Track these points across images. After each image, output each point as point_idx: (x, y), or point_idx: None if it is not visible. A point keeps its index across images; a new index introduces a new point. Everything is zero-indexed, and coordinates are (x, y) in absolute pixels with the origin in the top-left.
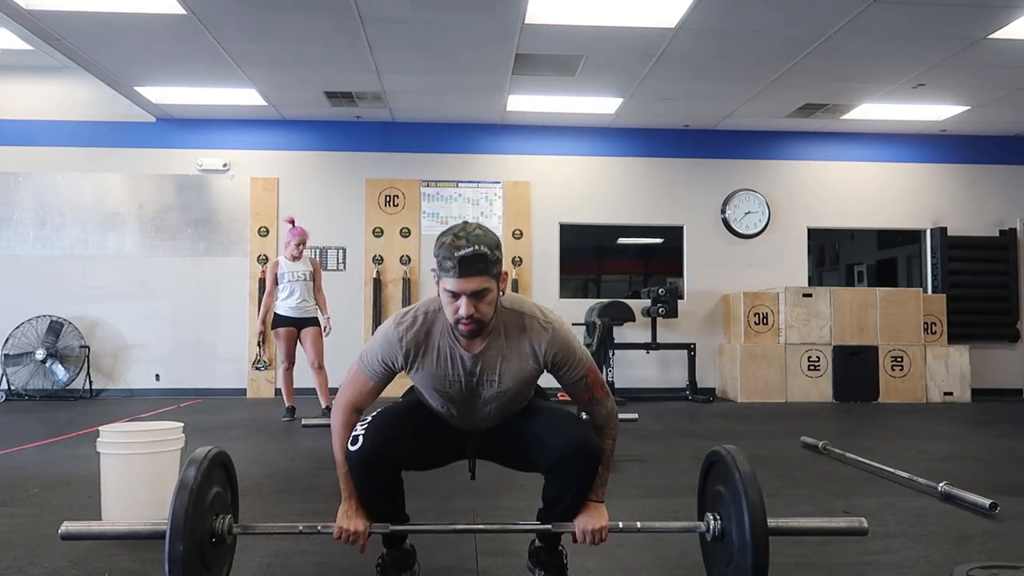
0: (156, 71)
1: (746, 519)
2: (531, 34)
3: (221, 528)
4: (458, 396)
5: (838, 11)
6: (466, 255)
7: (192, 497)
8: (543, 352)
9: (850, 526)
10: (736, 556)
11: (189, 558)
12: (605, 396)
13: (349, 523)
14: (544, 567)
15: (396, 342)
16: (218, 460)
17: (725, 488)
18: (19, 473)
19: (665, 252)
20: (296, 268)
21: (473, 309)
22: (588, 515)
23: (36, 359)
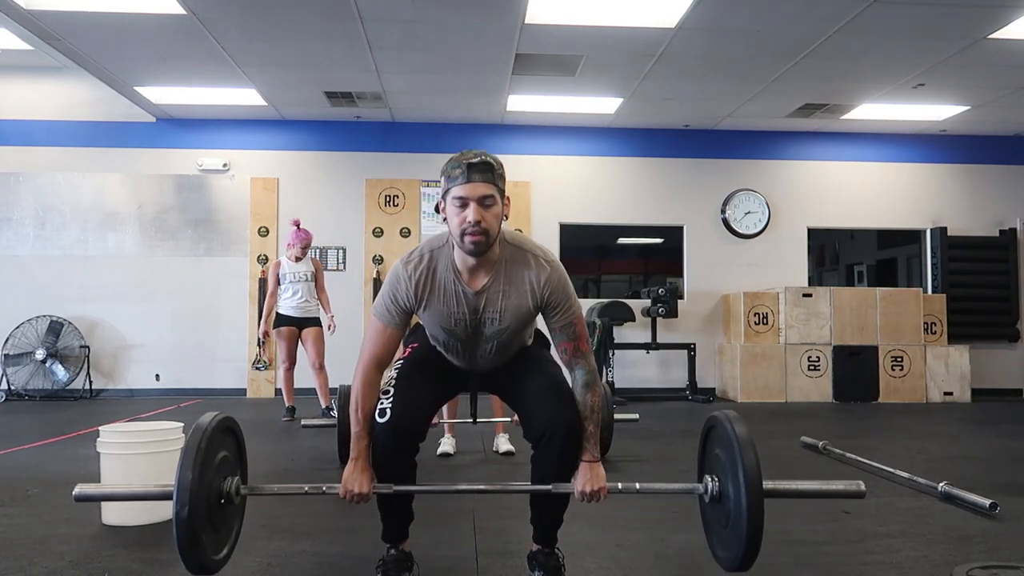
0: (156, 71)
1: (742, 481)
2: (531, 34)
3: (229, 489)
4: (462, 334)
5: (838, 11)
6: (474, 162)
7: (199, 459)
8: (541, 288)
9: (847, 489)
10: (733, 517)
11: (197, 518)
12: (588, 350)
13: (354, 483)
14: (543, 569)
15: (405, 279)
16: (225, 425)
17: (723, 451)
18: (19, 473)
19: (665, 252)
20: (298, 269)
21: (480, 216)
22: (585, 475)
23: (36, 359)
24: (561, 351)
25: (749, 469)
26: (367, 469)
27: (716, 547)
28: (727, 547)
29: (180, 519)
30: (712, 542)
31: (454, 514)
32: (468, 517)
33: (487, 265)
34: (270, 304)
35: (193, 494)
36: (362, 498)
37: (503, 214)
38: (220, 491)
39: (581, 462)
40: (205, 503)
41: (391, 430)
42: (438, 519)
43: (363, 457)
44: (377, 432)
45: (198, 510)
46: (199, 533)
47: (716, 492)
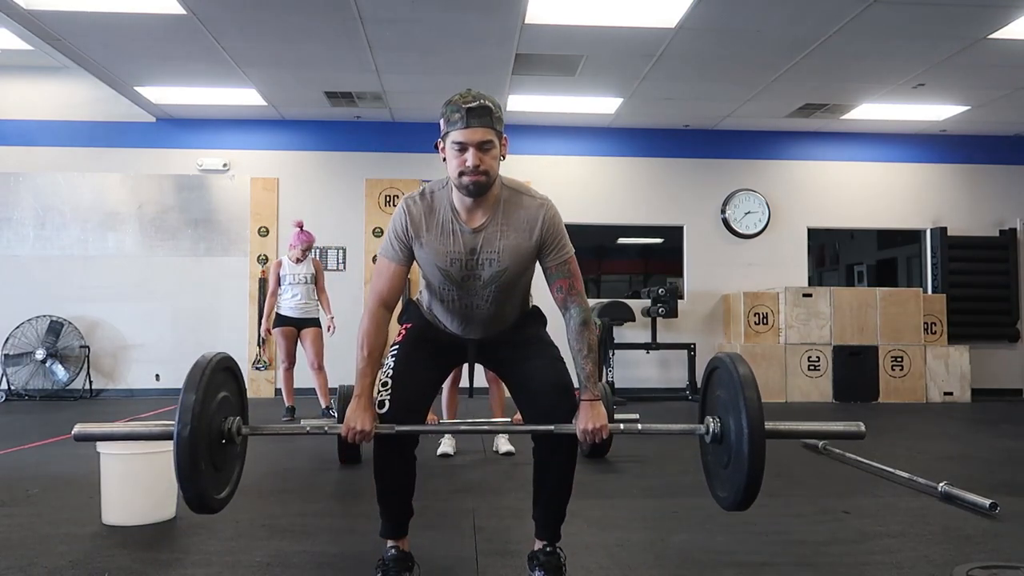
0: (156, 71)
1: (744, 419)
2: (531, 34)
3: (230, 429)
4: (458, 275)
5: (838, 11)
6: (473, 107)
7: (199, 398)
8: (539, 225)
9: (847, 430)
10: (733, 457)
11: (198, 458)
12: (582, 289)
13: (356, 420)
14: (543, 568)
15: (404, 211)
16: (224, 365)
17: (725, 392)
18: (19, 473)
19: (665, 252)
20: (298, 270)
21: (479, 160)
22: (586, 415)
23: (36, 359)
24: (556, 290)
25: (751, 408)
26: (369, 408)
27: (716, 488)
28: (727, 487)
29: (181, 445)
30: (712, 483)
31: (454, 514)
32: (468, 517)
33: (485, 205)
34: (271, 304)
35: (195, 421)
36: (364, 436)
37: (501, 155)
38: (221, 430)
39: (581, 401)
40: (206, 438)
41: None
42: (438, 519)
43: (366, 395)
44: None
45: (199, 438)
46: (200, 463)
47: (717, 432)
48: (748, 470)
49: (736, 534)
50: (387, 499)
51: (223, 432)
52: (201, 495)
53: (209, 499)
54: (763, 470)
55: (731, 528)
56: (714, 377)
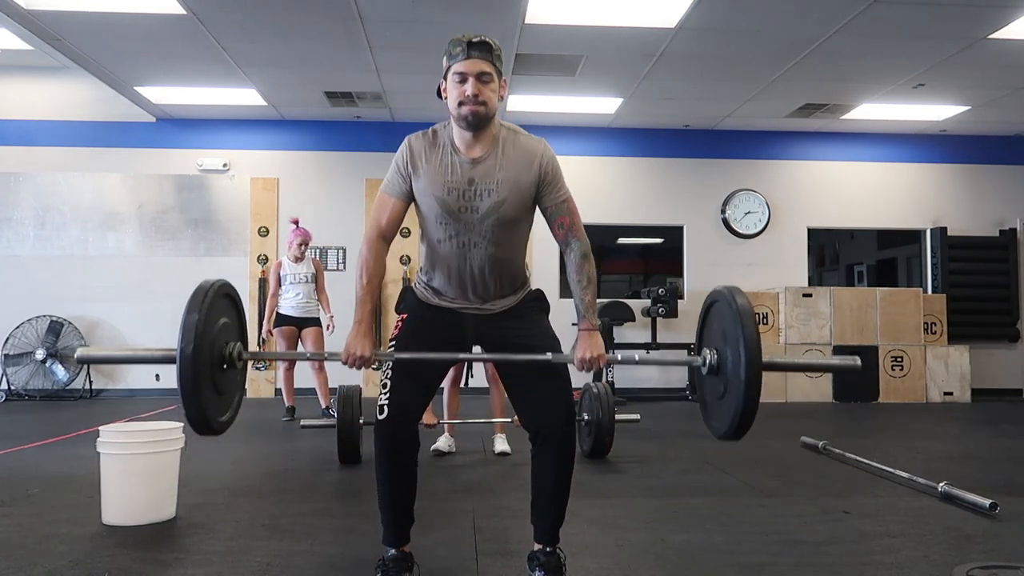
0: (156, 71)
1: (741, 350)
2: (531, 34)
3: (231, 354)
4: (456, 205)
5: (838, 11)
6: (474, 41)
7: (200, 323)
8: (539, 161)
9: (843, 364)
10: (729, 388)
11: (200, 381)
12: (582, 228)
13: (357, 347)
14: (543, 568)
15: (406, 145)
16: (223, 292)
17: (723, 324)
18: (19, 473)
19: (665, 252)
20: (298, 269)
21: (478, 90)
22: (584, 343)
23: (36, 359)
24: (557, 227)
25: (749, 339)
26: (369, 334)
27: (711, 418)
28: (721, 417)
29: (184, 363)
30: (706, 414)
31: (454, 514)
32: (468, 517)
33: (484, 140)
34: (271, 304)
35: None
36: (364, 362)
37: (500, 95)
38: (222, 354)
39: (580, 331)
40: (208, 359)
41: (391, 426)
42: (438, 519)
43: (366, 322)
44: (377, 429)
45: (202, 357)
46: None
47: (714, 363)
48: (743, 399)
49: (736, 534)
50: (389, 508)
51: (224, 356)
52: (204, 414)
53: (212, 420)
54: (758, 401)
55: (731, 528)
56: (713, 310)
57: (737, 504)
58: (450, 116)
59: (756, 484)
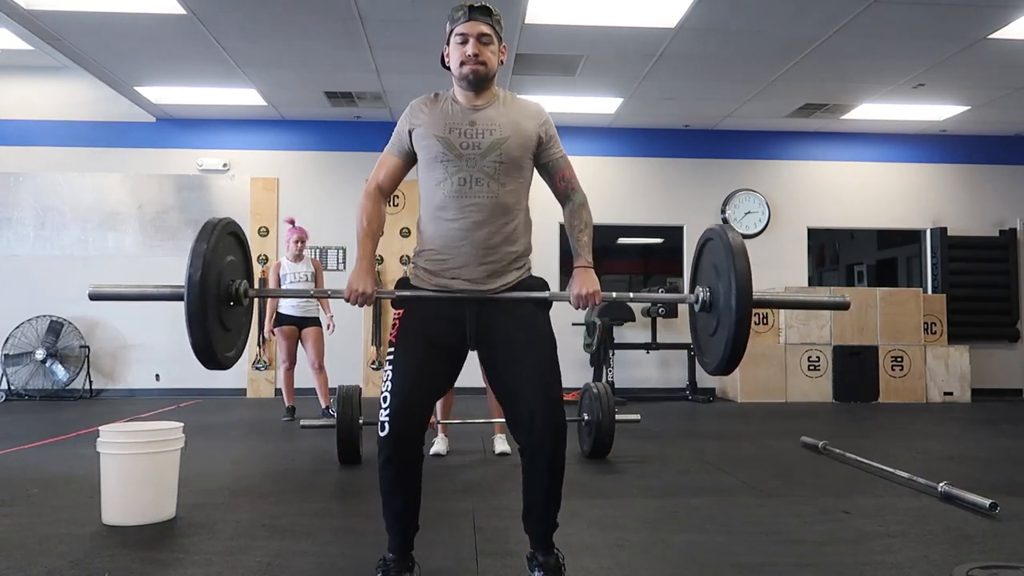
0: (156, 71)
1: (733, 284)
2: (531, 34)
3: (237, 290)
4: (457, 142)
5: (838, 11)
6: (475, 5)
7: (207, 260)
8: (540, 116)
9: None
10: (721, 322)
11: (208, 311)
12: (578, 182)
13: (359, 283)
14: (542, 568)
15: (409, 106)
16: (229, 229)
17: (716, 260)
18: (19, 473)
19: (665, 252)
20: (298, 269)
21: (478, 50)
22: (579, 280)
23: (36, 359)
24: (558, 180)
25: (740, 274)
26: (371, 271)
27: (703, 355)
28: (713, 352)
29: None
30: (699, 351)
31: (454, 514)
32: (468, 517)
33: (485, 97)
34: (272, 305)
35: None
36: (366, 298)
37: (500, 59)
38: (229, 292)
39: (576, 267)
40: (215, 292)
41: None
42: (438, 519)
43: (367, 259)
44: (380, 445)
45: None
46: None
47: (707, 300)
48: (733, 333)
49: (736, 534)
50: (395, 521)
51: (231, 293)
52: (210, 344)
53: (218, 352)
54: (748, 335)
55: (731, 528)
56: (707, 248)
57: (737, 504)
58: (452, 79)
59: (756, 484)
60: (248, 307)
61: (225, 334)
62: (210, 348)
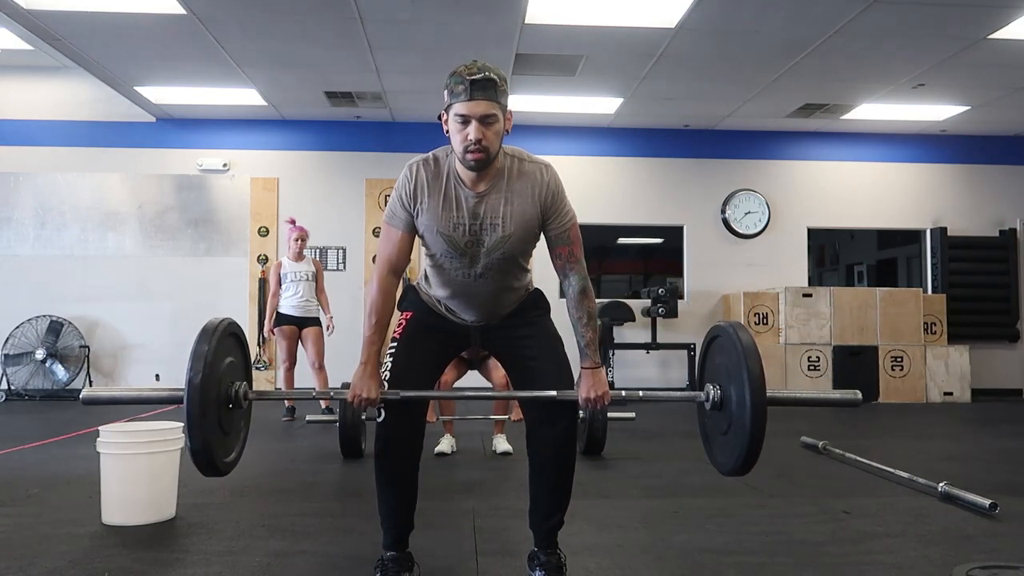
0: (156, 71)
1: (746, 386)
2: (531, 34)
3: (236, 393)
4: (461, 241)
5: (838, 11)
6: (477, 79)
7: (207, 364)
8: (542, 190)
9: (844, 398)
10: (734, 423)
11: (207, 421)
12: (582, 256)
13: (363, 388)
14: (543, 568)
15: (409, 175)
16: (230, 330)
17: (726, 359)
18: (19, 473)
19: (665, 252)
20: (299, 268)
21: (481, 135)
22: (588, 381)
23: (36, 359)
24: (556, 256)
25: (753, 374)
26: (375, 375)
27: (715, 453)
28: (727, 452)
29: (192, 423)
30: (710, 449)
31: (454, 514)
32: (468, 517)
33: (489, 174)
34: (273, 304)
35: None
36: (370, 402)
37: (505, 129)
38: (228, 395)
39: (583, 369)
40: (215, 405)
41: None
42: (438, 519)
43: (372, 362)
44: (378, 433)
45: (208, 415)
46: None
47: (718, 399)
48: (749, 438)
49: (736, 534)
50: (389, 515)
51: (230, 396)
52: (209, 451)
53: (217, 458)
54: (763, 437)
55: (731, 528)
56: (715, 345)
57: (737, 504)
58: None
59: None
60: (247, 410)
61: (224, 438)
62: (209, 454)
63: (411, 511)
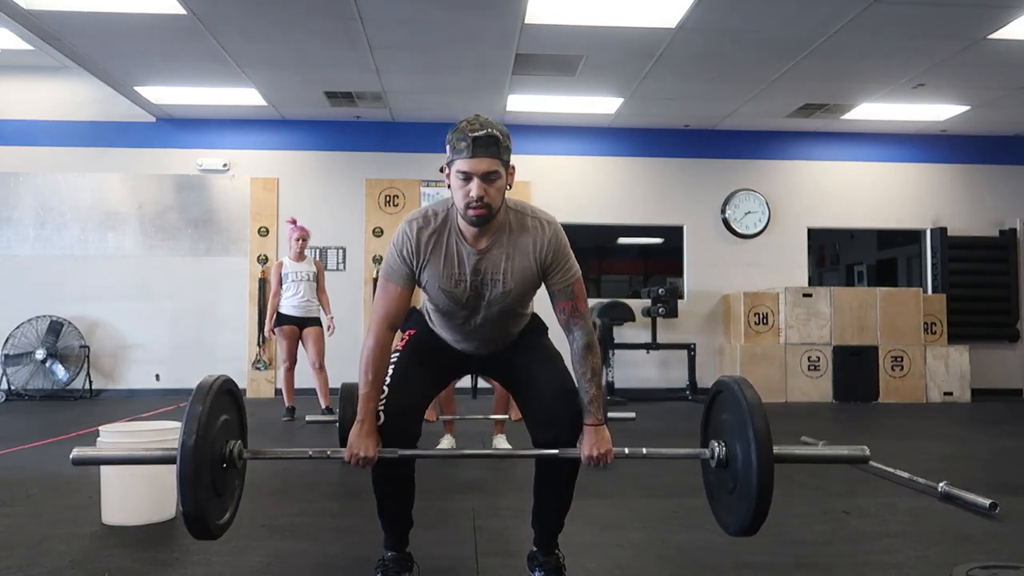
0: (156, 71)
1: (752, 443)
2: (531, 34)
3: (231, 453)
4: (463, 296)
5: (838, 11)
6: (480, 136)
7: (201, 423)
8: (543, 248)
9: (852, 454)
10: (740, 482)
11: (201, 483)
12: (586, 311)
13: (360, 447)
14: (543, 568)
15: (410, 233)
16: (225, 388)
17: (731, 416)
18: (19, 473)
19: (665, 252)
20: (300, 268)
21: (483, 192)
22: (591, 439)
23: (36, 359)
24: (559, 311)
25: (759, 433)
26: (373, 433)
27: (721, 513)
28: (734, 511)
29: (184, 485)
30: (716, 508)
31: (454, 514)
32: (468, 517)
33: (490, 230)
34: (273, 304)
35: (197, 460)
36: (368, 461)
37: (507, 184)
38: (222, 455)
39: (586, 426)
40: (208, 467)
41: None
42: (438, 519)
43: (369, 420)
44: None
45: (202, 476)
46: (203, 497)
47: (723, 456)
48: (757, 498)
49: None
50: (387, 515)
51: (224, 456)
52: (202, 513)
53: (209, 521)
54: (771, 497)
55: None
56: (718, 400)
57: None
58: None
59: None
60: (241, 470)
61: (217, 500)
62: (202, 516)
63: (409, 509)
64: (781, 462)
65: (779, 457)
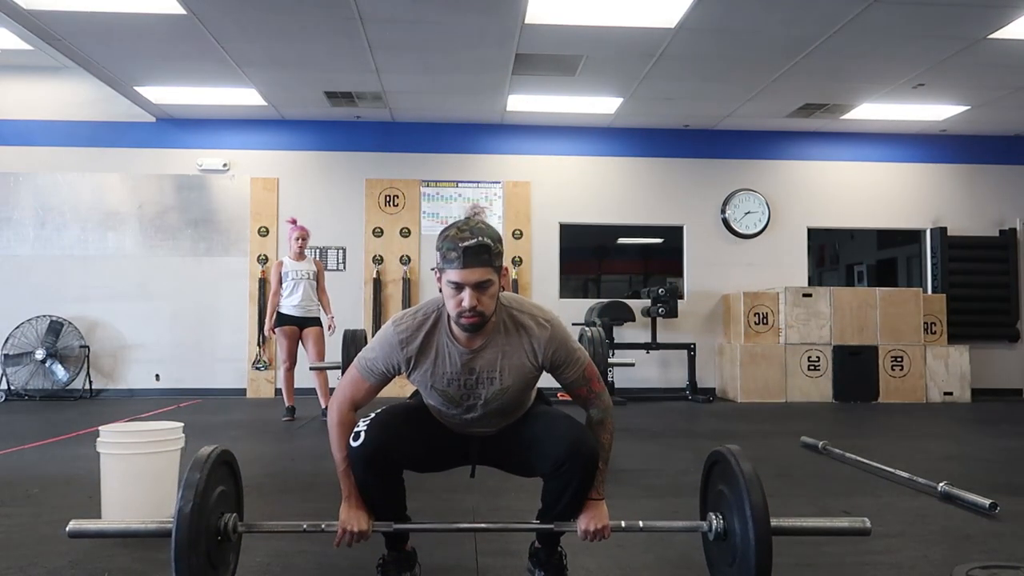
0: (156, 71)
1: (749, 519)
2: (531, 34)
3: (226, 526)
4: (457, 395)
5: (838, 11)
6: (470, 246)
7: (197, 496)
8: (542, 350)
9: (853, 526)
10: (739, 555)
11: (195, 557)
12: (602, 389)
13: (351, 522)
14: (544, 567)
15: (396, 345)
16: (223, 459)
17: (728, 488)
18: (19, 473)
19: (665, 252)
20: (300, 267)
21: (476, 301)
22: (589, 514)
23: (36, 359)
24: (576, 396)
25: (756, 507)
26: (362, 506)
27: None
28: None
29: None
30: None
31: (454, 514)
32: (468, 517)
33: (484, 331)
34: (273, 304)
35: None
36: (363, 536)
37: (501, 287)
38: (218, 528)
39: (587, 499)
40: (203, 542)
41: (364, 453)
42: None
43: (355, 495)
44: (352, 456)
45: (197, 550)
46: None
47: (721, 530)
48: (756, 571)
49: None
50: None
51: (219, 531)
52: None
53: None
54: (771, 571)
55: None
56: (715, 471)
57: None
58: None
59: None
60: (236, 543)
61: (211, 572)
62: None
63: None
64: (779, 535)
65: (777, 530)
